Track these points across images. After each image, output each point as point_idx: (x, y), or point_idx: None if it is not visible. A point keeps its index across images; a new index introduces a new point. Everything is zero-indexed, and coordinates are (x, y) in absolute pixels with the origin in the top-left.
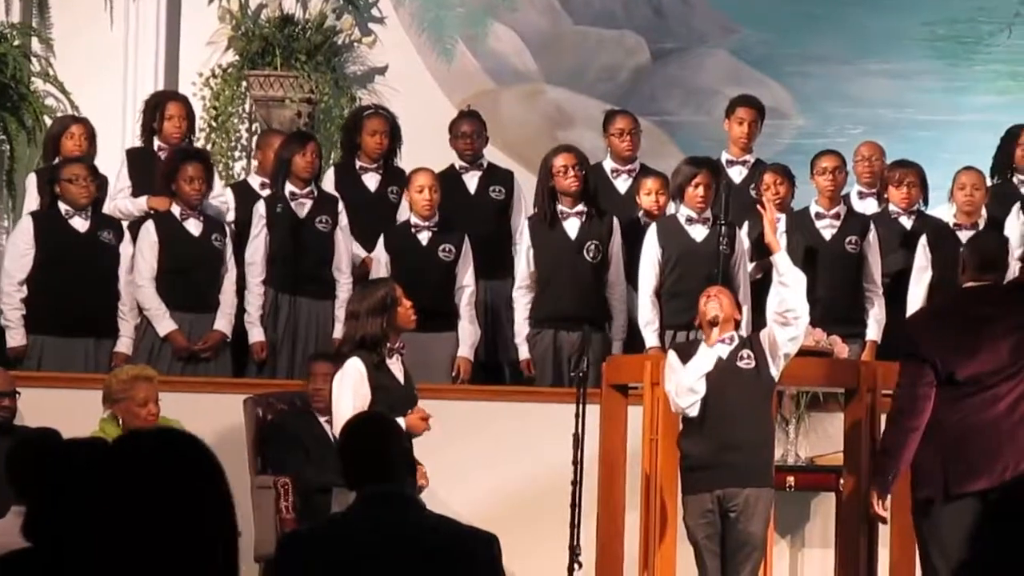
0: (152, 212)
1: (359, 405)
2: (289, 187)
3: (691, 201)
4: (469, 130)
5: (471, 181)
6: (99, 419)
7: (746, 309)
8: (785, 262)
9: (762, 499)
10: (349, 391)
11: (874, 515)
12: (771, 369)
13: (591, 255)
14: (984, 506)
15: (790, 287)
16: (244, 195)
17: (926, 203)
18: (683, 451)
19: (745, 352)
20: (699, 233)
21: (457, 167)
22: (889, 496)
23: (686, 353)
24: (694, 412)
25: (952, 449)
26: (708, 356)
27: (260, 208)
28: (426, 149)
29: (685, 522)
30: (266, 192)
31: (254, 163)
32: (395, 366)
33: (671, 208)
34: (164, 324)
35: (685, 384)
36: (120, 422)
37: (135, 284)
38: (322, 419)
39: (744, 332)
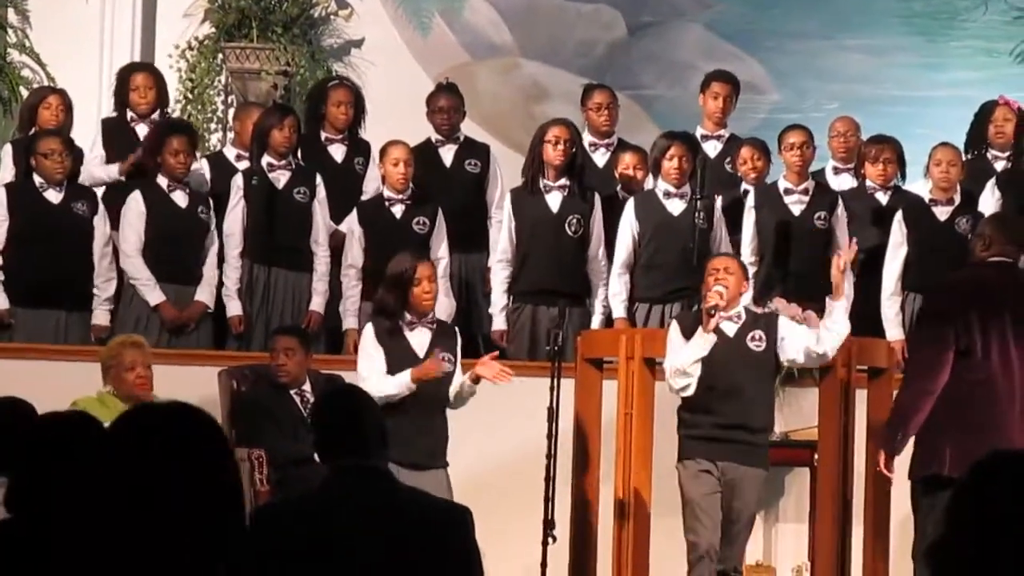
0: (123, 180)
1: (374, 367)
2: (267, 159)
3: (667, 174)
4: (447, 104)
5: (447, 155)
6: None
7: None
8: (842, 310)
9: (758, 479)
10: (362, 354)
11: (879, 473)
12: (780, 358)
13: (572, 229)
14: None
15: (834, 336)
16: (219, 167)
17: (903, 178)
18: (684, 420)
19: (757, 333)
20: (676, 207)
21: (434, 140)
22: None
23: (689, 328)
24: (688, 393)
25: (959, 430)
26: (704, 340)
27: (238, 180)
28: (402, 122)
29: (681, 484)
30: (242, 164)
31: (230, 135)
32: (417, 336)
33: (649, 183)
34: (154, 295)
35: (678, 365)
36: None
37: (123, 255)
38: (292, 391)
39: (750, 304)
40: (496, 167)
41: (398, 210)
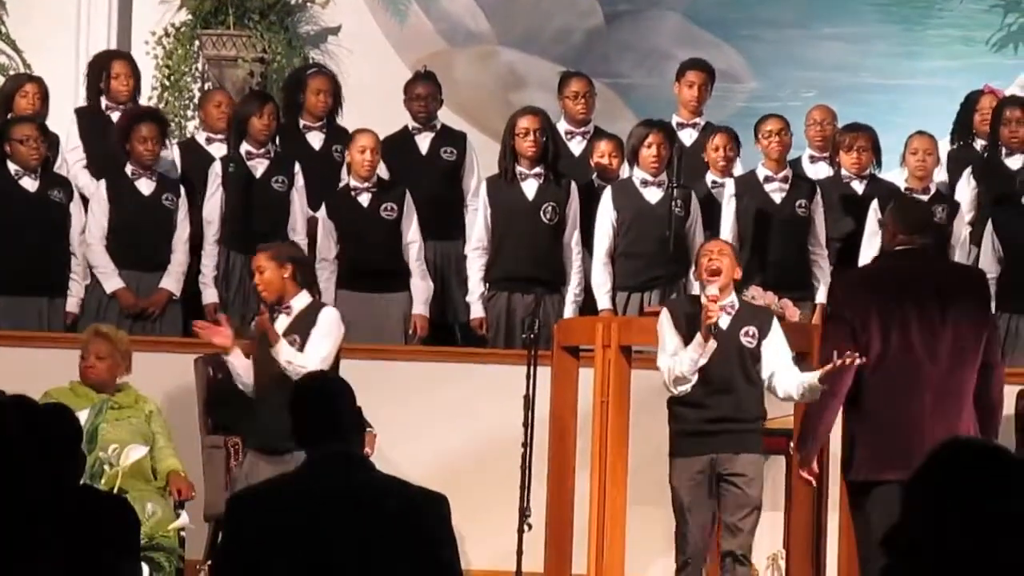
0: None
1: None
2: (245, 147)
3: (645, 162)
4: (424, 92)
5: (423, 142)
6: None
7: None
8: (815, 382)
9: (756, 464)
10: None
11: (800, 478)
12: (763, 348)
13: (548, 217)
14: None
15: (796, 397)
16: (190, 152)
17: (879, 167)
18: (675, 415)
19: (751, 329)
20: (654, 195)
21: (410, 128)
22: (814, 463)
23: (680, 318)
24: (684, 392)
25: (869, 431)
26: (705, 349)
27: (216, 167)
28: (379, 110)
29: (671, 483)
30: (213, 148)
31: (197, 120)
32: (279, 323)
33: (625, 172)
34: (112, 282)
35: (678, 373)
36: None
37: (85, 243)
38: None
39: (747, 295)
40: (472, 155)
41: (364, 199)
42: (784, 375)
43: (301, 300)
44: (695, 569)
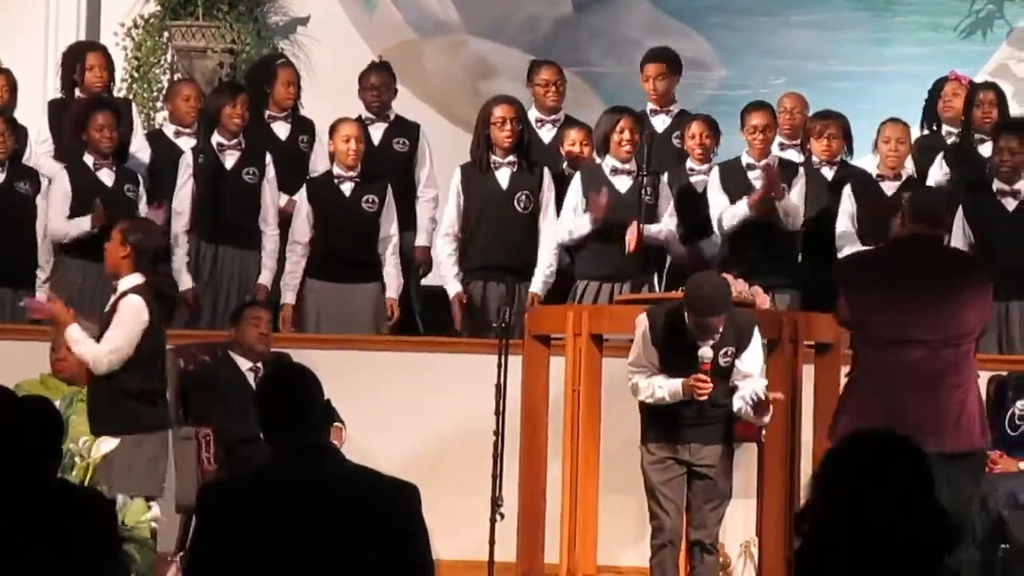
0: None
1: None
2: (216, 138)
3: (617, 149)
4: (377, 82)
5: (376, 133)
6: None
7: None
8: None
9: (727, 455)
10: None
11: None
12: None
13: (522, 205)
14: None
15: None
16: (159, 143)
17: (851, 153)
18: (646, 407)
19: (729, 351)
20: (623, 184)
21: (363, 118)
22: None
23: (659, 334)
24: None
25: (855, 407)
26: (684, 394)
27: (187, 158)
28: (347, 100)
29: (642, 467)
30: (181, 141)
31: (165, 112)
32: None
33: (596, 160)
34: (86, 221)
35: (646, 398)
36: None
37: (50, 232)
38: (244, 368)
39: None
40: (425, 145)
41: (347, 187)
42: (740, 390)
43: (126, 283)
44: (671, 553)
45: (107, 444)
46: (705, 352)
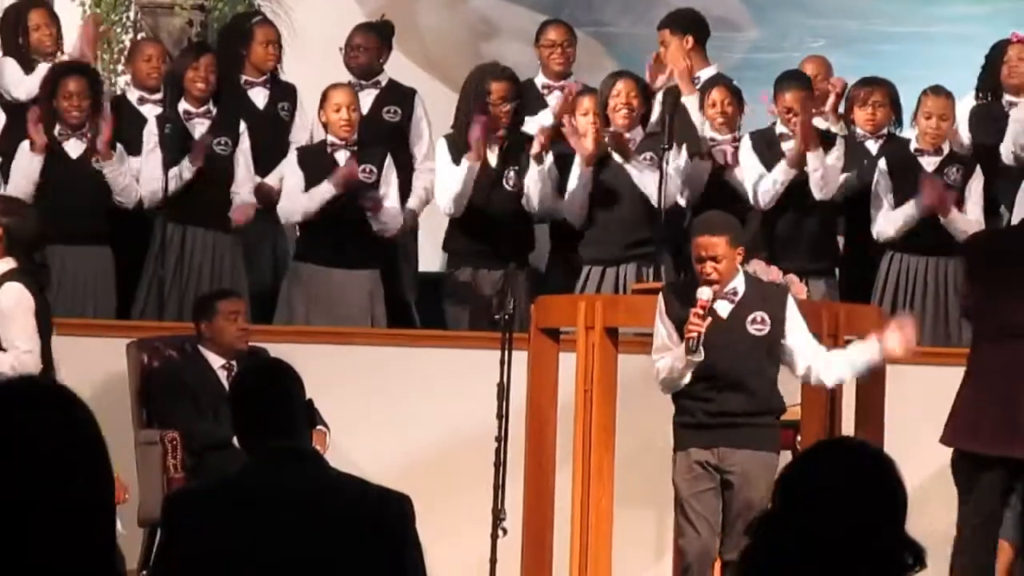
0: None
1: None
2: (184, 106)
3: (614, 116)
4: (360, 42)
5: (366, 100)
6: None
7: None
8: (869, 355)
9: (764, 463)
10: None
11: None
12: (786, 340)
13: (511, 184)
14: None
15: (844, 372)
16: (122, 111)
17: (899, 124)
18: (679, 407)
19: (759, 316)
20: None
21: (351, 84)
22: None
23: (673, 306)
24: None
25: (961, 401)
26: (688, 360)
27: (152, 126)
28: (334, 63)
29: (674, 479)
30: (145, 108)
31: (126, 77)
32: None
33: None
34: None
35: (662, 376)
36: None
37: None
38: (216, 365)
39: (753, 269)
40: (422, 114)
41: (342, 158)
42: (824, 362)
43: None
44: (698, 574)
45: None
46: (703, 291)
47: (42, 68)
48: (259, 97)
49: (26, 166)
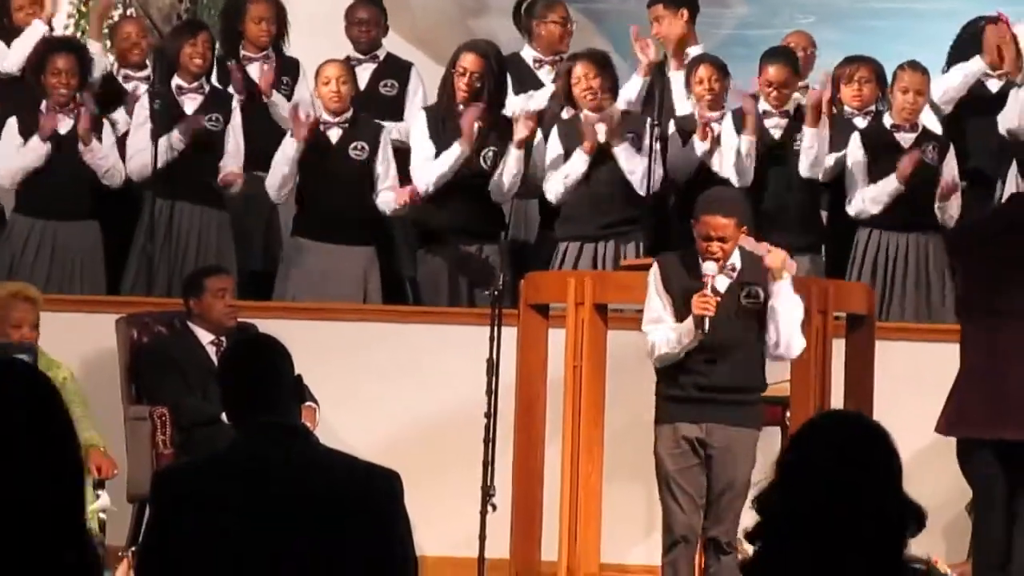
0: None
1: None
2: (176, 80)
3: (582, 100)
4: (366, 16)
5: (363, 74)
6: None
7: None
8: (786, 289)
9: (747, 441)
10: None
11: None
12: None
13: (488, 163)
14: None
15: (783, 322)
16: (108, 89)
17: (887, 101)
18: (663, 377)
19: (753, 289)
20: (602, 134)
21: (351, 59)
22: None
23: (671, 278)
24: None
25: (962, 385)
26: (695, 336)
27: (144, 100)
28: (329, 41)
29: (655, 452)
30: (131, 86)
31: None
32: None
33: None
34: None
35: (662, 350)
36: None
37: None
38: (205, 341)
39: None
40: (418, 86)
41: (334, 134)
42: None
43: None
44: (685, 550)
45: None
46: (709, 266)
47: (26, 37)
48: (257, 73)
49: (11, 142)
